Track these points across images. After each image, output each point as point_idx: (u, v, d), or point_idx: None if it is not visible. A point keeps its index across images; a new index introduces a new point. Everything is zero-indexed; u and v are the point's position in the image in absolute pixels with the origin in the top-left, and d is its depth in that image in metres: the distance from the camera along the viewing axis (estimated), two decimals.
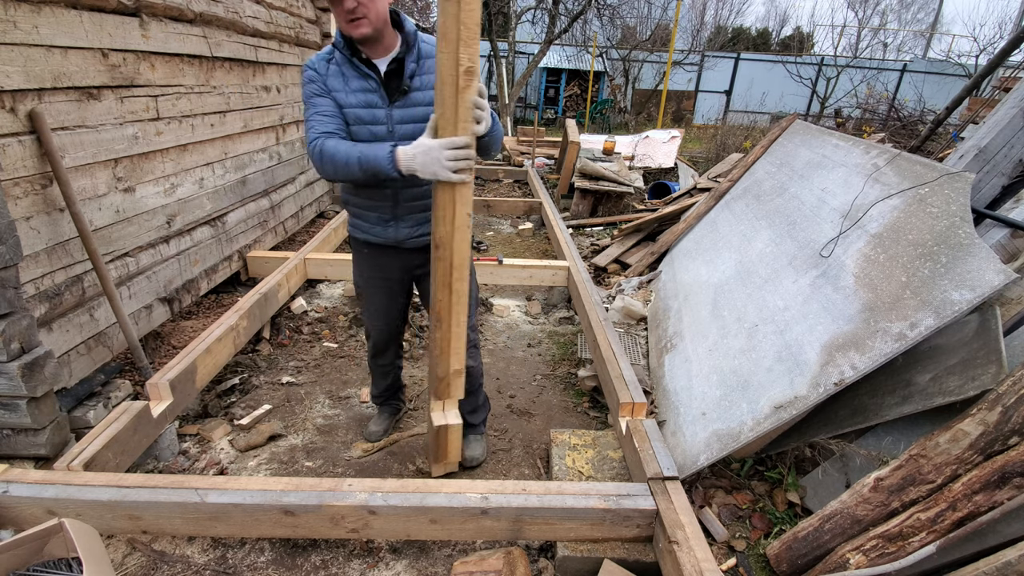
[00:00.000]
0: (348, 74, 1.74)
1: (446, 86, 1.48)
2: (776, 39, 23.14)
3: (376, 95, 1.74)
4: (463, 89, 1.47)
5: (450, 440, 2.02)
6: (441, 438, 2.00)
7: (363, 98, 1.74)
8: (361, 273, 2.10)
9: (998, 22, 24.53)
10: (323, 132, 1.70)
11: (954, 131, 6.74)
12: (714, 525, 1.97)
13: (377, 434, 2.42)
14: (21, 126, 1.97)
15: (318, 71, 1.75)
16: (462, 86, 1.47)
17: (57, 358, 2.05)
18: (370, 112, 1.75)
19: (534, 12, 13.91)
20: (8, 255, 1.75)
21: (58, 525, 1.47)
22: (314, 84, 1.75)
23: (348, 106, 1.75)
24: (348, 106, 1.75)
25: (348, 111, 1.76)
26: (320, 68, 1.75)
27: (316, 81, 1.75)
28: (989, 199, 2.53)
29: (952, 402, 1.65)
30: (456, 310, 1.78)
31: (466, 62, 1.45)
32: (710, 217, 3.95)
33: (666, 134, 8.12)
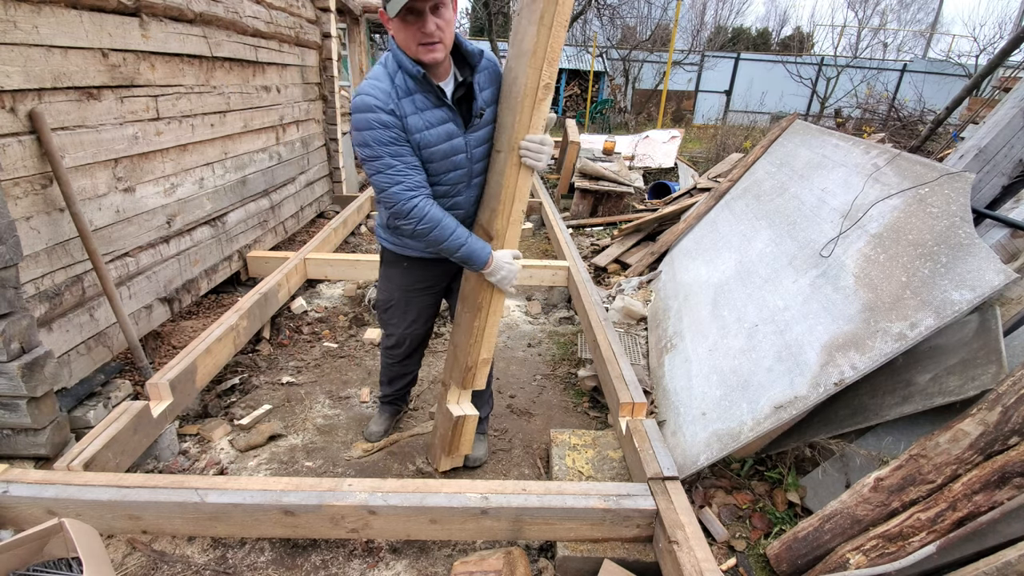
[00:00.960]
0: (421, 105, 1.57)
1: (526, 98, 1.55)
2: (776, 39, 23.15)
3: (454, 124, 1.64)
4: (540, 101, 1.56)
5: (466, 431, 2.04)
6: (458, 429, 2.01)
7: (444, 131, 1.62)
8: (399, 286, 2.04)
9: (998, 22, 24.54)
10: (416, 187, 1.58)
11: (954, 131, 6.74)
12: (714, 525, 1.97)
13: (377, 434, 2.42)
14: (21, 126, 1.97)
15: (391, 110, 1.52)
16: (540, 98, 1.56)
17: (57, 358, 2.05)
18: (451, 144, 1.65)
19: None
20: (8, 255, 1.75)
21: (58, 525, 1.47)
22: (391, 131, 1.53)
23: (430, 145, 1.61)
24: (430, 145, 1.61)
25: (430, 151, 1.62)
26: (391, 105, 1.52)
27: (392, 127, 1.53)
28: (989, 199, 2.53)
29: (952, 402, 1.65)
30: (497, 297, 1.83)
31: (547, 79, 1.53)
32: (710, 217, 3.95)
33: (666, 134, 8.12)
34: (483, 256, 1.69)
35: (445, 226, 1.63)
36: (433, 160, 1.65)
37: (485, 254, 1.69)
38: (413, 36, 1.47)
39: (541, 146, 1.58)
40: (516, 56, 1.58)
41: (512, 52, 1.68)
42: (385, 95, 1.53)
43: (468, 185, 1.78)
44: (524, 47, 1.53)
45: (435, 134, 1.61)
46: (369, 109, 1.52)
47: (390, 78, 1.56)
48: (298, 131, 4.67)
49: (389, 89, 1.54)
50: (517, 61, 1.58)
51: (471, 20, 20.59)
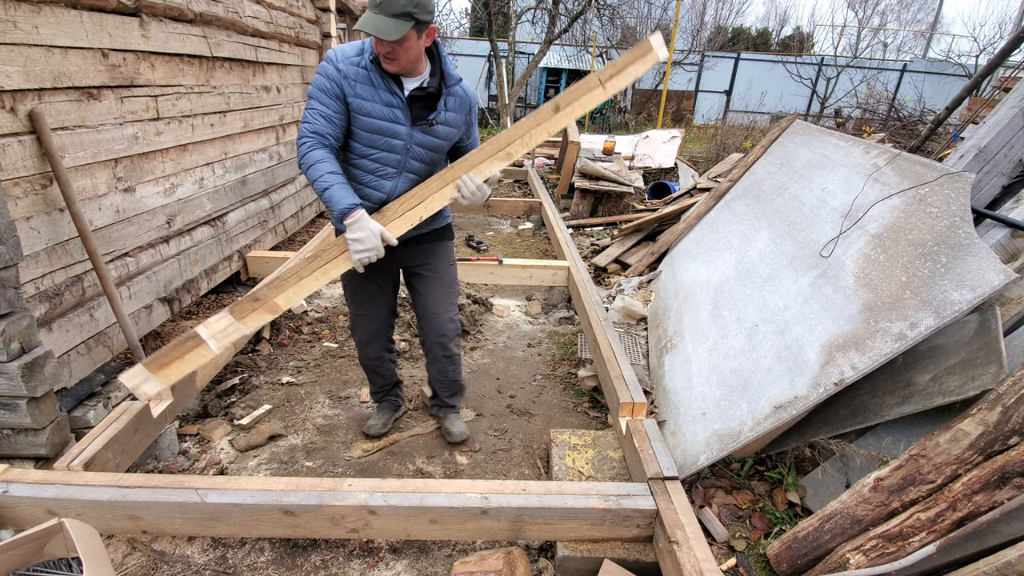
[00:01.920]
0: (375, 82, 1.76)
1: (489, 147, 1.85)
2: (776, 39, 23.14)
3: (401, 113, 1.81)
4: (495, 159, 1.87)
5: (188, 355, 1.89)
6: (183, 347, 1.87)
7: (388, 112, 1.80)
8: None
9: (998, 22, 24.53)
10: (316, 133, 1.76)
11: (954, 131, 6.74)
12: (714, 525, 1.97)
13: (376, 427, 2.44)
14: (21, 126, 1.97)
15: (342, 71, 1.74)
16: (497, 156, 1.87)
17: (57, 358, 2.05)
18: (392, 127, 1.82)
19: (534, 12, 13.91)
20: (8, 255, 1.75)
21: (58, 525, 1.47)
22: (330, 81, 1.74)
23: (371, 115, 1.79)
24: (371, 115, 1.79)
25: (368, 120, 1.80)
26: (347, 70, 1.74)
27: (334, 80, 1.74)
28: (989, 199, 2.53)
29: (952, 402, 1.65)
30: (338, 259, 1.89)
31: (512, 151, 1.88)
32: (710, 217, 3.95)
33: (666, 134, 8.12)
34: (341, 204, 1.72)
35: (317, 168, 1.75)
36: (367, 130, 1.82)
37: (344, 204, 1.72)
38: (375, 45, 1.70)
39: (476, 190, 1.84)
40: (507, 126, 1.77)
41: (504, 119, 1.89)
42: (345, 58, 1.76)
43: (399, 174, 1.91)
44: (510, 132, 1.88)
45: (377, 108, 1.79)
46: (327, 60, 1.77)
47: (360, 51, 1.78)
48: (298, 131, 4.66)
49: (352, 55, 1.76)
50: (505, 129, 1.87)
51: (471, 20, 20.58)
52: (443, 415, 2.49)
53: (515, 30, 13.58)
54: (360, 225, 1.74)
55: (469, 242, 5.16)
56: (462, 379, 2.42)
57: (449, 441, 2.45)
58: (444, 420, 2.48)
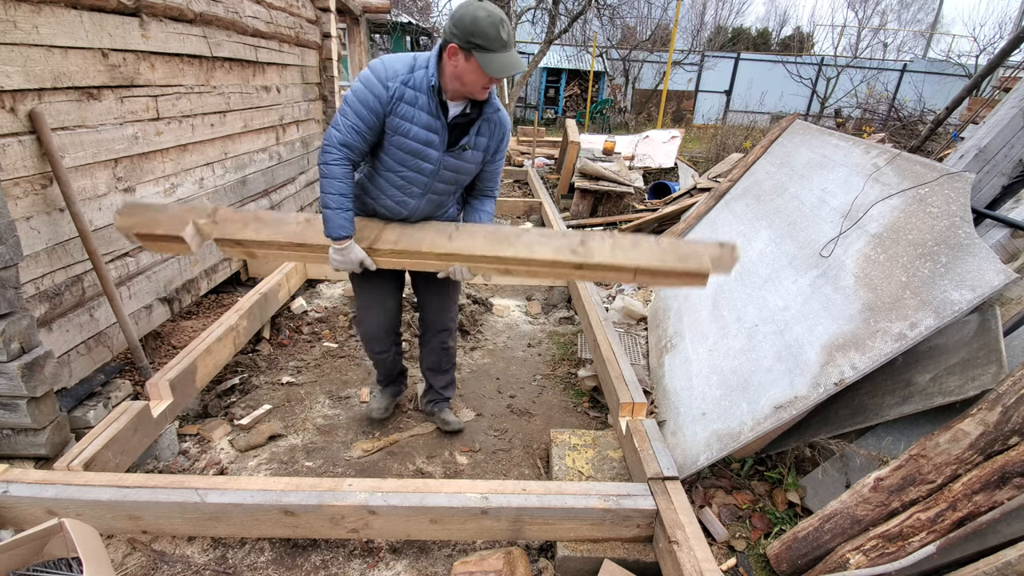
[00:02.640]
0: (421, 105, 1.74)
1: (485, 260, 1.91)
2: (776, 39, 23.13)
3: (438, 138, 1.80)
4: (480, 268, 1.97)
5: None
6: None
7: (425, 136, 1.78)
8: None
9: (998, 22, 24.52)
10: (345, 146, 1.76)
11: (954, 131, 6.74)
12: (714, 525, 1.97)
13: (379, 410, 2.48)
14: (21, 126, 1.97)
15: (390, 90, 1.71)
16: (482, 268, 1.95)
17: (57, 358, 2.05)
18: (425, 150, 1.81)
19: (534, 12, 13.90)
20: (8, 255, 1.75)
21: (58, 525, 1.47)
22: (375, 98, 1.72)
23: (407, 136, 1.78)
24: (407, 136, 1.78)
25: (403, 140, 1.78)
26: (396, 90, 1.71)
27: (379, 97, 1.71)
28: (989, 199, 2.53)
29: (952, 402, 1.65)
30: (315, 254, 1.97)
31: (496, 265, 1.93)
32: (710, 217, 3.95)
33: (666, 134, 8.12)
34: (334, 233, 1.80)
35: (331, 184, 1.78)
36: (400, 148, 1.81)
37: (336, 233, 1.80)
38: (482, 82, 1.68)
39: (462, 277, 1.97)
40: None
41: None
42: (395, 76, 1.72)
43: (423, 194, 1.92)
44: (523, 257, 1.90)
45: (414, 130, 1.77)
46: (374, 74, 1.72)
47: (411, 68, 1.74)
48: (298, 131, 4.66)
49: (402, 73, 1.72)
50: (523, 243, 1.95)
51: None
52: (438, 409, 2.52)
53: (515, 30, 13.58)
54: (345, 251, 1.85)
55: None
56: (453, 372, 2.51)
57: (447, 431, 2.48)
58: (440, 413, 2.51)
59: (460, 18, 1.60)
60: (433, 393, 2.51)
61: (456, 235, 1.94)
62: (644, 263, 1.82)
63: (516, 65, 1.64)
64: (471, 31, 1.58)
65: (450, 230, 1.95)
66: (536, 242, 1.88)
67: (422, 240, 1.93)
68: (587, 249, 1.84)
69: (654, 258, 1.82)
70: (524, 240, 1.89)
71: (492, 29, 1.57)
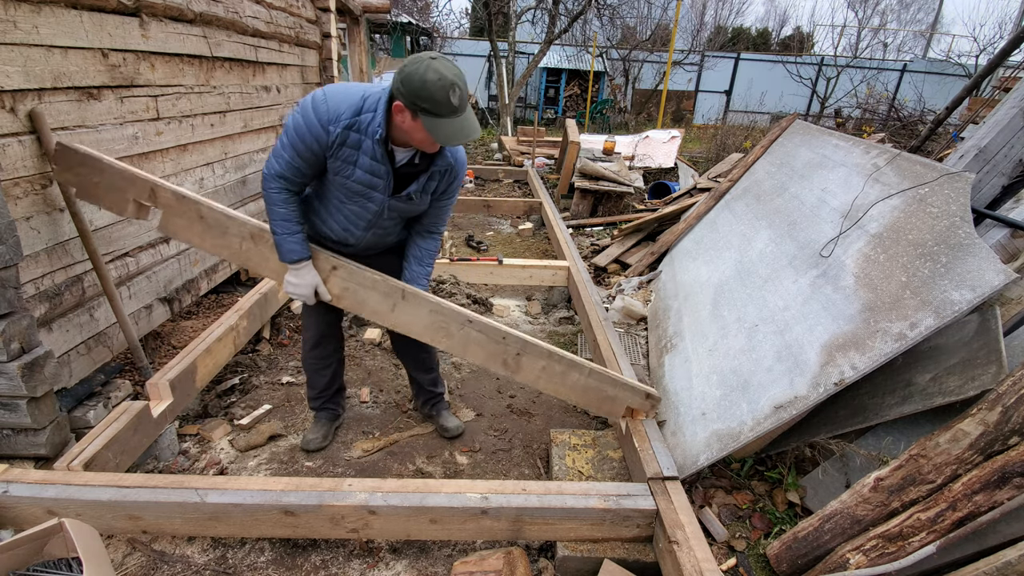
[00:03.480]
0: (366, 151, 1.65)
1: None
2: (776, 39, 23.13)
3: (382, 183, 1.74)
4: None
5: None
6: None
7: (368, 180, 1.72)
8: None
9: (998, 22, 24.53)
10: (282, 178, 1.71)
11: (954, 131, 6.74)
12: (714, 525, 1.97)
13: (316, 442, 2.32)
14: (21, 126, 1.97)
15: (331, 135, 1.61)
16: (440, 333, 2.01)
17: (57, 358, 2.05)
18: (369, 192, 1.76)
19: (534, 12, 13.91)
20: (8, 255, 1.75)
21: (58, 525, 1.47)
22: (315, 141, 1.63)
23: (348, 178, 1.71)
24: (348, 178, 1.71)
25: (344, 180, 1.72)
26: (338, 135, 1.62)
27: (320, 141, 1.63)
28: (989, 199, 2.53)
29: (952, 402, 1.65)
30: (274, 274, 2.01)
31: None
32: (710, 217, 3.95)
33: (666, 134, 8.12)
34: (287, 257, 1.80)
35: (275, 212, 1.75)
36: (341, 188, 1.77)
37: (290, 257, 1.80)
38: (428, 142, 1.60)
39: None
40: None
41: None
42: (337, 118, 1.61)
43: (368, 228, 1.89)
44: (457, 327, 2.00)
45: (357, 174, 1.71)
46: (316, 115, 1.61)
47: (357, 111, 1.62)
48: None
49: (347, 117, 1.61)
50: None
51: (471, 20, 20.59)
52: (435, 412, 2.49)
53: (515, 30, 13.58)
54: (301, 273, 1.83)
55: (469, 242, 5.16)
56: (438, 369, 2.46)
57: (447, 437, 2.45)
58: (438, 417, 2.49)
59: (408, 76, 1.48)
60: (424, 393, 2.48)
61: (399, 307, 1.96)
62: (563, 396, 2.06)
63: (467, 133, 1.54)
64: (418, 94, 1.47)
65: (395, 298, 1.94)
66: (473, 341, 1.97)
67: (364, 304, 1.95)
68: (518, 365, 1.96)
69: (573, 395, 2.05)
70: (462, 336, 1.96)
71: (441, 94, 1.46)
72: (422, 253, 2.03)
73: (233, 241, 1.93)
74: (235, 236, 1.92)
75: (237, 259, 1.99)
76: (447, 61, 1.52)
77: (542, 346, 1.98)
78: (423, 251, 2.03)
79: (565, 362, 1.98)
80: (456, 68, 1.54)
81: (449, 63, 1.52)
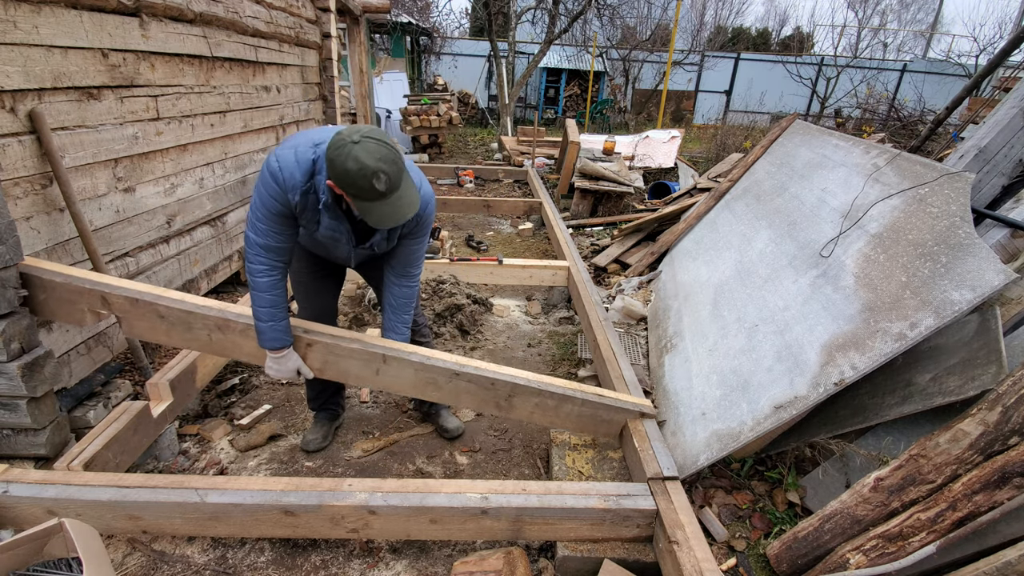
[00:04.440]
0: (326, 208, 1.66)
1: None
2: (776, 39, 23.13)
3: (344, 236, 1.78)
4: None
5: None
6: None
7: (331, 235, 1.77)
8: (298, 259, 2.08)
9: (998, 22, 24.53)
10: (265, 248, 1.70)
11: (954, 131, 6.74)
12: (714, 525, 1.97)
13: (316, 442, 2.32)
14: (21, 126, 1.97)
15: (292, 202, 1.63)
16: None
17: (57, 358, 2.05)
18: (335, 243, 1.83)
19: (534, 12, 13.91)
20: (8, 255, 1.75)
21: (58, 525, 1.47)
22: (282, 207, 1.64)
23: (312, 234, 1.78)
24: (312, 234, 1.78)
25: (310, 235, 1.80)
26: (296, 201, 1.63)
27: (286, 206, 1.64)
28: (989, 199, 2.53)
29: (952, 402, 1.65)
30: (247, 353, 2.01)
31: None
32: (710, 217, 3.95)
33: (666, 134, 8.12)
34: (267, 342, 1.80)
35: (259, 297, 1.74)
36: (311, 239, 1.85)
37: (270, 342, 1.80)
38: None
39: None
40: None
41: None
42: (294, 187, 1.61)
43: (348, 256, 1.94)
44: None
45: (320, 230, 1.75)
46: (276, 182, 1.60)
47: (310, 174, 1.62)
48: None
49: (302, 184, 1.62)
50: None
51: (471, 20, 20.58)
52: (435, 412, 2.50)
53: (515, 30, 13.58)
54: (283, 360, 1.86)
55: (469, 242, 5.16)
56: None
57: (447, 438, 2.46)
58: (437, 418, 2.49)
59: (331, 162, 1.45)
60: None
61: (383, 371, 1.97)
62: (559, 426, 2.11)
63: (401, 214, 1.50)
64: (342, 180, 1.45)
65: (377, 363, 1.95)
66: (463, 391, 2.01)
67: (347, 373, 1.98)
68: (511, 405, 2.06)
69: (568, 424, 2.10)
70: (452, 388, 1.99)
71: (364, 183, 1.42)
72: (398, 302, 2.00)
73: (200, 335, 1.93)
74: (201, 330, 1.92)
75: (209, 350, 2.01)
76: (372, 143, 1.44)
77: (532, 384, 2.00)
78: (399, 300, 2.00)
79: (557, 396, 2.02)
80: (383, 149, 1.45)
81: (375, 144, 1.44)
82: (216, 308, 1.91)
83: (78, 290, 1.85)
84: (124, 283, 1.92)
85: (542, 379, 2.05)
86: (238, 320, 1.90)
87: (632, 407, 2.09)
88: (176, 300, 1.89)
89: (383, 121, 9.85)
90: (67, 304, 1.87)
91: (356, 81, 7.52)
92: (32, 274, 1.81)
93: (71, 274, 1.87)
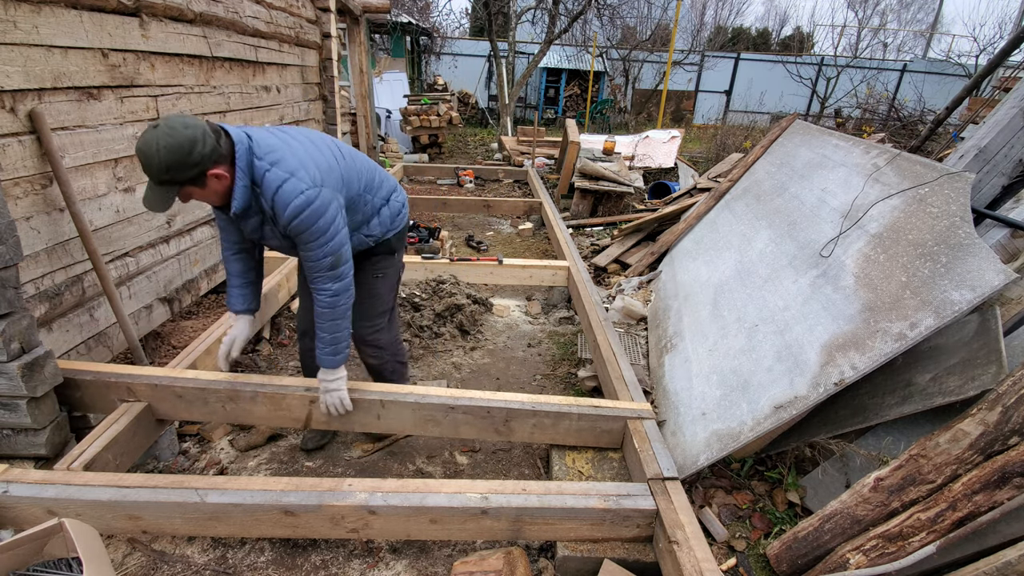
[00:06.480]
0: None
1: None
2: (776, 39, 23.13)
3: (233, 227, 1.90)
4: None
5: None
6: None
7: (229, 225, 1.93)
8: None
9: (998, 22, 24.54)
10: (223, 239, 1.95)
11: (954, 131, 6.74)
12: (714, 525, 1.97)
13: (314, 439, 2.33)
14: (21, 126, 1.97)
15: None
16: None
17: (57, 358, 2.05)
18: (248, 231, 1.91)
19: (534, 12, 13.90)
20: (8, 255, 1.75)
21: (58, 525, 1.47)
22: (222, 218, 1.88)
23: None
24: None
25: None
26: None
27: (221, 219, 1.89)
28: (989, 199, 2.53)
29: (952, 402, 1.65)
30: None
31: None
32: (710, 217, 3.95)
33: (666, 134, 8.12)
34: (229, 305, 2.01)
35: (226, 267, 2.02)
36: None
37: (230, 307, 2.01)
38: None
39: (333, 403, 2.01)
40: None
41: None
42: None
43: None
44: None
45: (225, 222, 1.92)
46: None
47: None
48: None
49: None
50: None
51: (471, 20, 20.58)
52: None
53: (515, 30, 13.58)
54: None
55: (469, 242, 5.16)
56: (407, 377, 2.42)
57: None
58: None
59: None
60: None
61: (383, 415, 2.10)
62: (559, 441, 2.15)
63: (147, 200, 1.56)
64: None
65: (376, 410, 2.09)
66: (461, 423, 2.11)
67: (352, 420, 2.11)
68: (509, 429, 2.12)
69: (568, 439, 2.14)
70: (450, 421, 2.10)
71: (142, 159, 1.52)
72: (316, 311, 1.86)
73: (216, 407, 2.09)
74: (216, 403, 2.09)
75: (226, 420, 2.16)
76: (153, 129, 1.49)
77: (527, 406, 2.08)
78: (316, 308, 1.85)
79: (552, 415, 2.07)
80: (149, 132, 1.49)
81: (152, 131, 1.49)
82: (224, 381, 2.08)
83: (106, 384, 2.04)
84: (144, 371, 2.11)
85: (536, 399, 2.11)
86: (244, 388, 2.06)
87: (630, 414, 2.09)
88: (189, 379, 2.07)
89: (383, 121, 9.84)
90: (100, 398, 2.06)
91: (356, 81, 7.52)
92: (68, 376, 2.00)
93: (98, 370, 2.06)
